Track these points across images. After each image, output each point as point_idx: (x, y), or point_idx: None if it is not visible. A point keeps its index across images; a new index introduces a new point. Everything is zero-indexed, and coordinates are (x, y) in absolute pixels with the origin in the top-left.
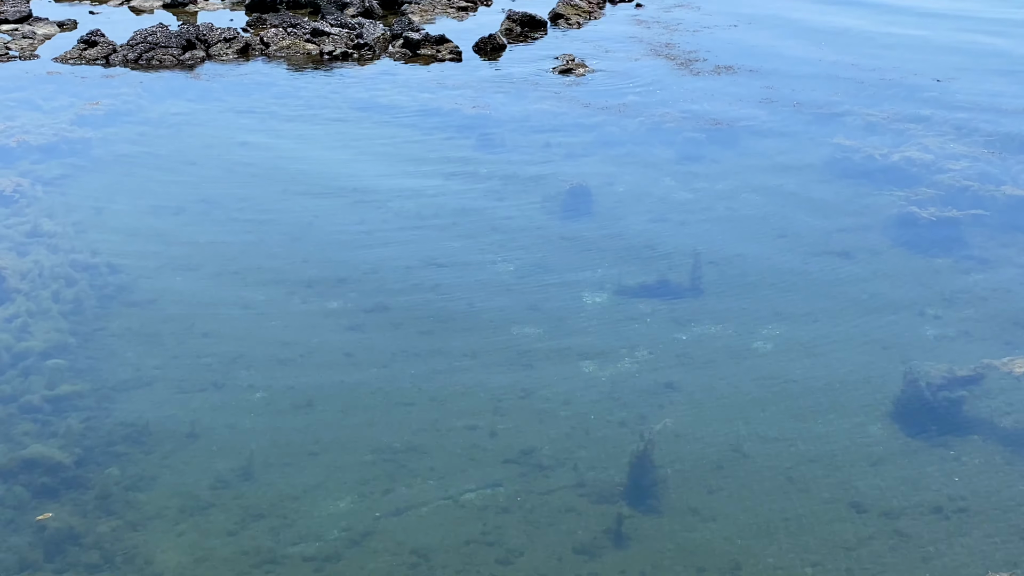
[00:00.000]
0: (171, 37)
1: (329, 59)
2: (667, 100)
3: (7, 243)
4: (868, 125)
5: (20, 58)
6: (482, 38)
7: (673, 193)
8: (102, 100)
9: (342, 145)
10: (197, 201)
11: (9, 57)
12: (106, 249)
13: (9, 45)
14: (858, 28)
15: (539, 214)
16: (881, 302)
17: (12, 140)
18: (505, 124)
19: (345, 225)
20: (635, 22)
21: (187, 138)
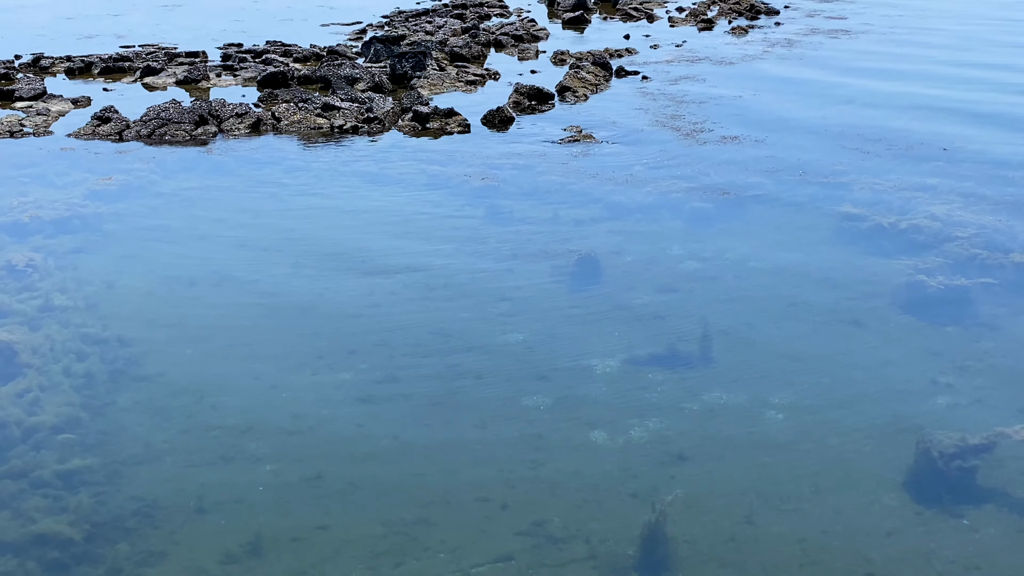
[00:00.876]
0: (184, 113)
1: (339, 133)
2: (674, 170)
3: (19, 318)
4: (875, 193)
5: (34, 135)
6: (490, 111)
7: (681, 263)
8: (115, 175)
9: (352, 218)
10: (208, 274)
11: (23, 134)
12: (117, 323)
13: (24, 122)
14: (863, 95)
15: (548, 284)
16: (892, 371)
17: (25, 215)
18: (513, 195)
19: (355, 297)
20: (641, 94)
21: (198, 212)
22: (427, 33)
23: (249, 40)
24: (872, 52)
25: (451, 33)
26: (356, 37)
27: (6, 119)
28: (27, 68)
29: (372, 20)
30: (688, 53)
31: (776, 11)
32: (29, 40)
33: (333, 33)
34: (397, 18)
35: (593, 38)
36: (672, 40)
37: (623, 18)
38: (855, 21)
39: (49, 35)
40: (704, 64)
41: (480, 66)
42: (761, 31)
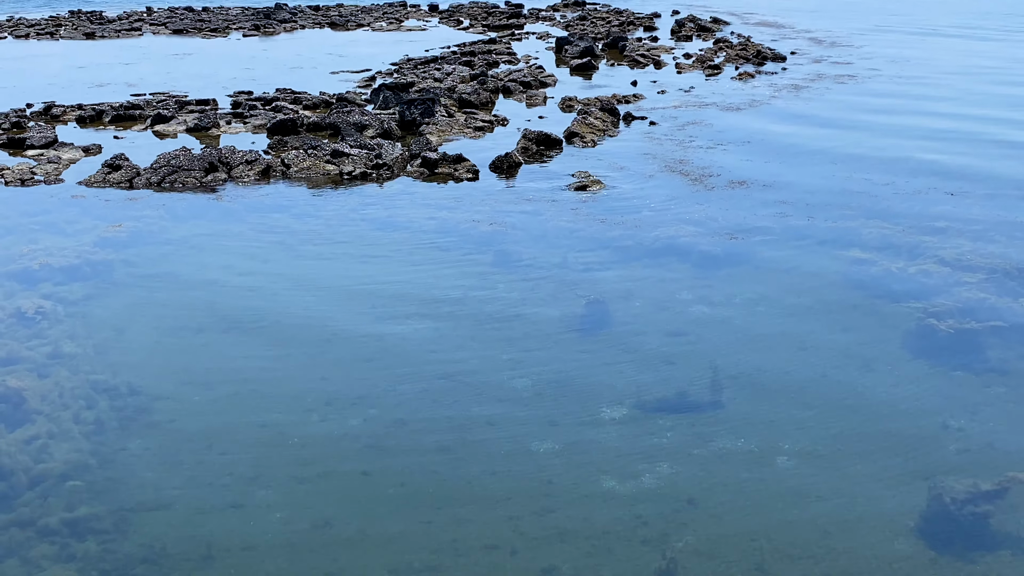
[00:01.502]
0: (194, 160)
1: (348, 179)
2: (682, 215)
3: (28, 365)
4: (883, 238)
5: (45, 182)
6: (499, 156)
7: (690, 307)
8: (125, 223)
9: (360, 262)
10: (216, 321)
11: (35, 181)
12: (126, 370)
13: (35, 170)
14: (870, 140)
15: (557, 329)
16: (903, 415)
17: (35, 263)
18: (522, 240)
19: (364, 342)
20: (649, 139)
21: (208, 259)
22: (436, 80)
23: (259, 88)
24: (879, 97)
25: (460, 80)
26: (365, 84)
27: (17, 167)
28: (39, 116)
29: (381, 67)
30: (695, 99)
31: (783, 57)
32: (41, 89)
33: (343, 80)
34: (406, 65)
35: (601, 84)
36: (679, 86)
37: (630, 64)
38: (861, 66)
39: (61, 84)
40: (711, 109)
41: (488, 112)
42: (768, 76)
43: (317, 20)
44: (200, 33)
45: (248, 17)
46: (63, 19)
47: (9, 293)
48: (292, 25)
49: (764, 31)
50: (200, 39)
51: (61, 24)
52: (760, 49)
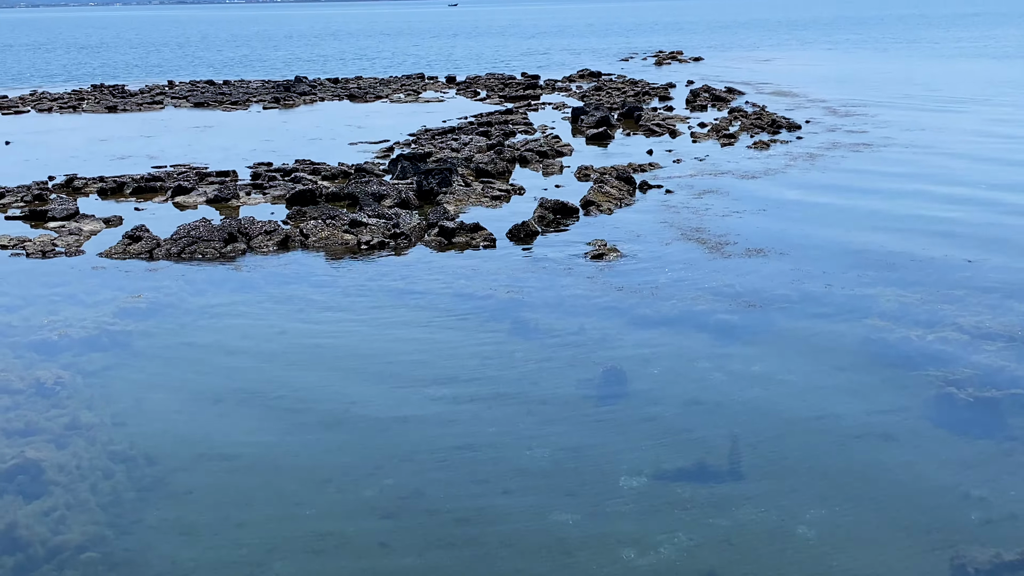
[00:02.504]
0: (213, 231)
1: (366, 248)
2: (699, 283)
3: (46, 435)
4: (901, 306)
5: (66, 254)
6: (515, 225)
7: (708, 375)
8: (144, 293)
9: (378, 332)
10: (234, 391)
11: (56, 253)
12: (144, 441)
13: (56, 242)
14: (886, 208)
15: (574, 398)
16: (924, 485)
17: (55, 334)
18: (539, 309)
19: (381, 411)
20: (665, 208)
21: (226, 329)
22: (453, 150)
23: (279, 159)
24: (894, 166)
25: (476, 150)
26: (383, 155)
27: (39, 239)
28: (60, 189)
29: (399, 138)
30: (711, 167)
31: (798, 126)
32: (63, 162)
33: (361, 151)
34: (424, 136)
35: (617, 153)
36: (695, 155)
37: (646, 134)
38: (876, 135)
39: (83, 157)
40: (727, 178)
41: (505, 182)
42: (783, 145)
43: (336, 92)
44: (221, 106)
45: (268, 90)
46: (86, 93)
47: (29, 364)
48: (312, 97)
49: (779, 100)
50: (221, 112)
51: (84, 98)
52: (775, 118)
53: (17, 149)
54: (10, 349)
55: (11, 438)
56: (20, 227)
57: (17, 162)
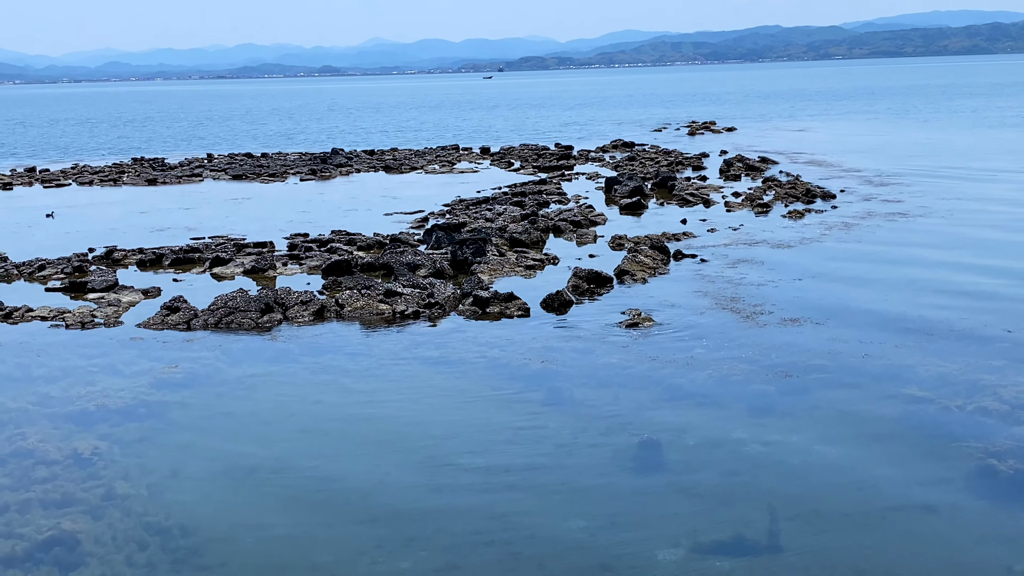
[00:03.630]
0: (250, 301)
1: (401, 318)
2: (734, 352)
3: (83, 506)
4: (940, 376)
5: (105, 325)
6: (549, 295)
7: (745, 446)
8: (181, 364)
9: (412, 402)
10: (270, 461)
11: (95, 324)
12: (179, 512)
13: (95, 313)
14: (923, 278)
15: (610, 468)
16: (965, 559)
17: (92, 404)
18: (574, 379)
19: (415, 482)
20: (699, 277)
21: (262, 399)
22: (487, 220)
23: (315, 230)
24: (931, 236)
25: (510, 220)
26: (418, 225)
27: (78, 311)
28: (100, 260)
29: (434, 208)
30: (745, 236)
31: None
32: (103, 234)
33: (396, 222)
34: (458, 206)
35: (650, 222)
36: (729, 224)
37: (680, 203)
38: (912, 204)
39: (123, 229)
40: (762, 247)
41: (539, 251)
42: (818, 215)
43: (372, 164)
44: (259, 178)
45: (305, 162)
46: (126, 166)
47: (66, 435)
48: (348, 169)
49: (813, 170)
50: (259, 184)
51: (124, 171)
52: (809, 187)
53: (58, 221)
54: (48, 420)
55: (48, 509)
56: (60, 298)
57: (58, 234)
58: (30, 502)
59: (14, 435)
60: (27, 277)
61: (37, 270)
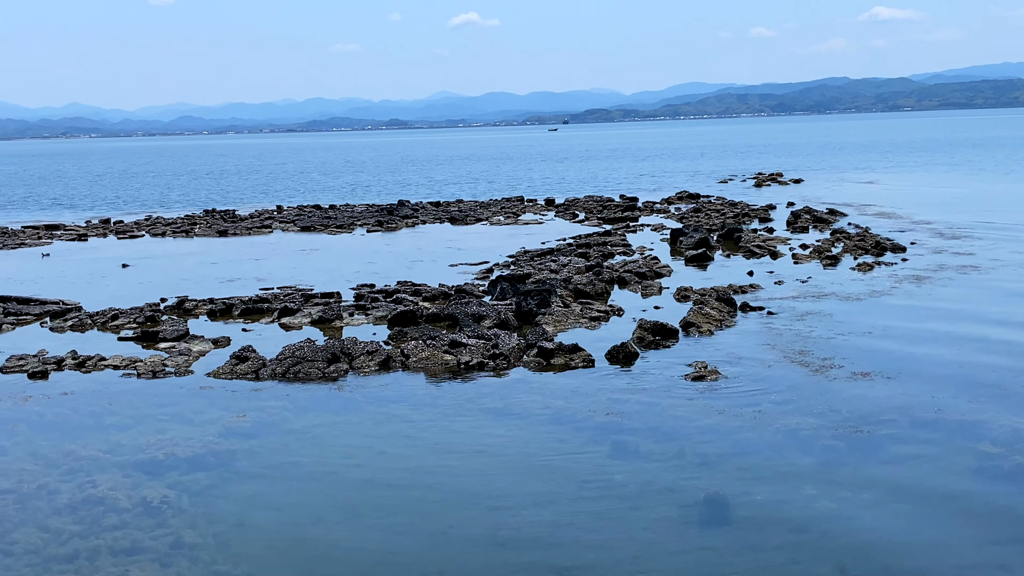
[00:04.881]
0: (317, 351)
1: (466, 369)
2: (803, 407)
3: (151, 555)
4: (1015, 432)
5: (175, 374)
6: (614, 346)
7: (814, 502)
8: (249, 413)
9: (477, 453)
10: (335, 511)
11: (166, 373)
12: (246, 561)
13: (166, 362)
14: (996, 332)
15: (675, 524)
16: None
17: (161, 453)
18: (638, 431)
19: (479, 535)
20: (767, 329)
21: (328, 449)
22: (552, 271)
23: (381, 280)
24: (1003, 290)
25: (575, 271)
26: (483, 276)
27: (150, 360)
28: (172, 310)
29: (498, 260)
30: (813, 289)
31: (902, 247)
32: (175, 284)
33: (461, 273)
34: (522, 257)
35: (717, 274)
36: (797, 276)
37: (746, 255)
38: (984, 257)
39: (194, 279)
40: (830, 300)
41: (604, 303)
42: (888, 267)
43: (437, 215)
44: (327, 229)
45: (372, 214)
46: (198, 218)
47: (136, 483)
48: (413, 220)
49: (882, 222)
50: (327, 235)
51: (196, 222)
52: (879, 240)
53: (131, 272)
54: (119, 468)
55: (117, 556)
56: (132, 348)
57: (131, 284)
58: (99, 549)
59: (85, 483)
60: (100, 326)
61: (110, 319)
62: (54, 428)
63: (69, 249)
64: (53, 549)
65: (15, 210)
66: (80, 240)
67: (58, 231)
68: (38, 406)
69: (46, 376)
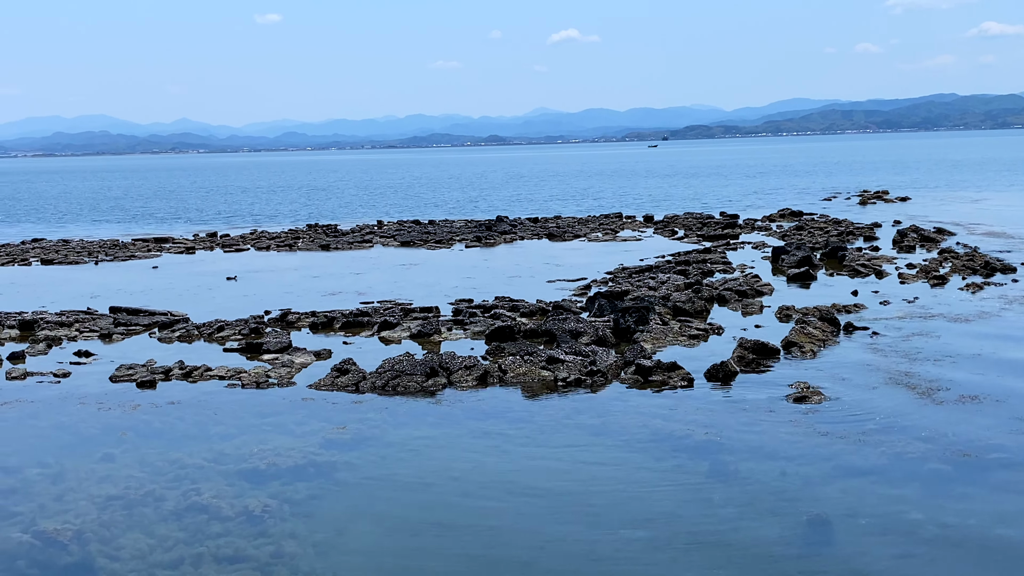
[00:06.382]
0: (416, 365)
1: (563, 385)
2: (909, 430)
3: (252, 563)
4: None
5: (278, 385)
6: (714, 365)
7: (920, 528)
8: (349, 425)
9: (574, 470)
10: (432, 524)
11: (269, 384)
12: (345, 571)
13: (269, 373)
14: None
15: (777, 546)
16: None
17: (264, 462)
18: (738, 452)
19: (575, 551)
20: (871, 350)
21: (426, 462)
22: (650, 288)
23: (479, 296)
24: None
25: (674, 288)
26: (581, 292)
27: (254, 371)
28: (275, 323)
29: (596, 276)
30: (920, 309)
31: (1013, 268)
32: (279, 297)
33: (559, 289)
34: (621, 274)
35: (819, 294)
36: (903, 296)
37: (850, 274)
38: None
39: (296, 292)
40: (938, 321)
41: (703, 321)
42: (997, 288)
43: (535, 231)
44: (426, 244)
45: (471, 229)
46: (301, 232)
47: (239, 492)
48: (512, 236)
49: (992, 241)
50: (426, 250)
51: (299, 236)
52: (988, 260)
53: (237, 285)
54: (222, 477)
55: (220, 564)
56: (237, 359)
57: (236, 296)
58: (203, 556)
59: (189, 490)
60: (207, 338)
61: (216, 331)
62: (161, 436)
63: (177, 262)
64: (159, 555)
65: (127, 223)
66: (188, 253)
67: (167, 244)
68: (146, 415)
69: (154, 385)
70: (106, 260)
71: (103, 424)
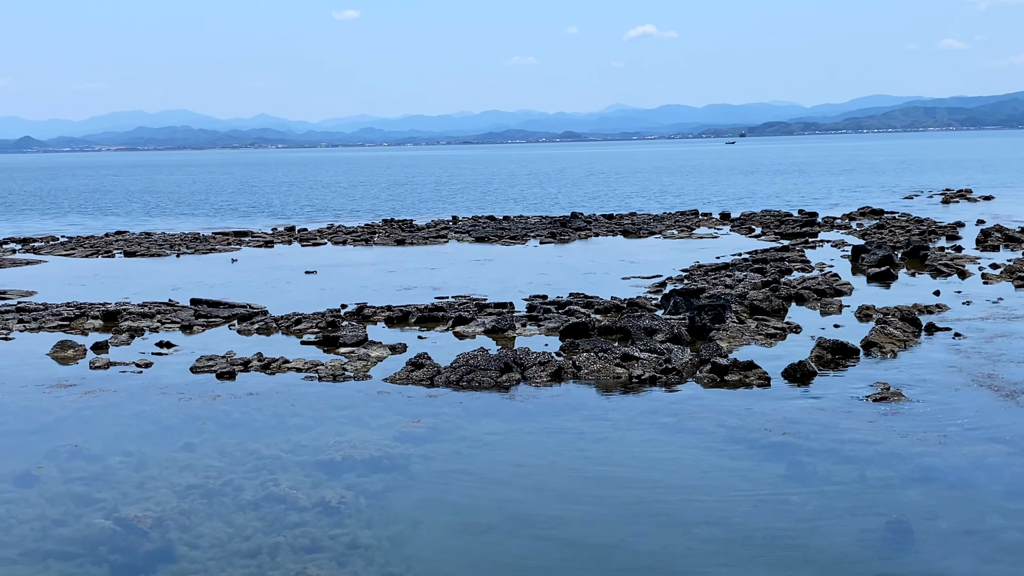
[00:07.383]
0: (490, 360)
1: (637, 383)
2: (992, 432)
3: (329, 553)
4: None
5: (354, 378)
6: (792, 364)
7: (1003, 533)
8: (424, 418)
9: (648, 468)
10: (504, 519)
11: (345, 377)
12: (419, 564)
13: (346, 366)
14: None
15: (855, 548)
16: None
17: (340, 454)
18: (816, 452)
19: (651, 548)
20: (954, 351)
21: (499, 457)
22: (726, 286)
23: (553, 292)
24: None
25: (751, 287)
26: (656, 290)
27: (331, 364)
28: (352, 316)
29: (672, 273)
30: (1004, 311)
31: None
32: (355, 291)
33: (633, 286)
34: (696, 272)
35: (900, 293)
36: (986, 297)
37: (932, 274)
38: None
39: (373, 287)
40: (1022, 322)
41: (780, 319)
42: None
43: (610, 228)
44: (500, 240)
45: (545, 225)
46: (377, 227)
47: (316, 483)
48: (586, 233)
49: None
50: (500, 246)
51: (375, 231)
52: None
53: (314, 278)
54: (300, 468)
55: (297, 553)
56: (314, 351)
57: (314, 290)
58: (280, 546)
59: (267, 480)
60: (285, 330)
61: (294, 324)
62: (239, 427)
63: (256, 255)
64: (236, 544)
65: (209, 216)
66: (266, 247)
67: (246, 237)
68: (225, 405)
69: (233, 377)
70: (187, 253)
71: (184, 414)
